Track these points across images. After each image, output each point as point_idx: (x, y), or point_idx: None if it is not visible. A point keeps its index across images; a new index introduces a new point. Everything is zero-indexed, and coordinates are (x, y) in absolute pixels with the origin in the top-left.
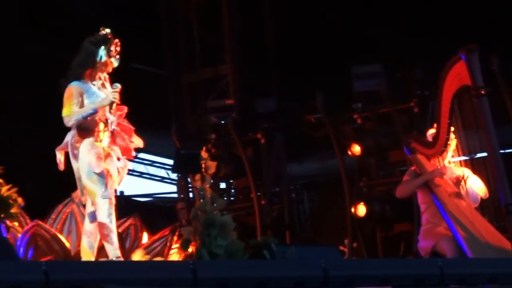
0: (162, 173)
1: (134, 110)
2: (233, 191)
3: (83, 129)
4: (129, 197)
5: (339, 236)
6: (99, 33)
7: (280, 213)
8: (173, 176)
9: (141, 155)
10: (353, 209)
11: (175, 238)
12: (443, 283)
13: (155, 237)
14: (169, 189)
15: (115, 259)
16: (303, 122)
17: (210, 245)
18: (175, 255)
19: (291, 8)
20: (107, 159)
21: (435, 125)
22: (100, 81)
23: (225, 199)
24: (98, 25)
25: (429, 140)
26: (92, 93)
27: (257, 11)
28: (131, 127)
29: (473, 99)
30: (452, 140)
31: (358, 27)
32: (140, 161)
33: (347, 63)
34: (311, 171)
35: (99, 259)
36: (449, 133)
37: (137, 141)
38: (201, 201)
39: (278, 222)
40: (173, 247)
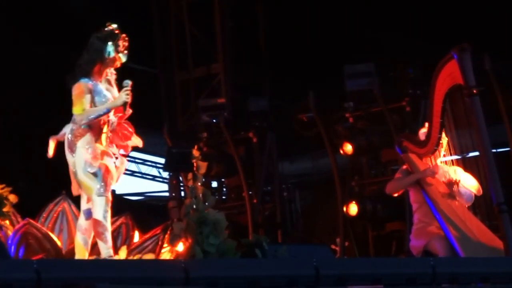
0: (153, 171)
1: None
2: (224, 190)
3: (83, 126)
4: (121, 195)
5: (331, 235)
6: (106, 28)
7: (272, 212)
8: (165, 174)
9: (133, 153)
10: (345, 208)
11: (167, 236)
12: (435, 282)
13: (147, 236)
14: (160, 188)
15: (107, 258)
16: (295, 121)
17: (202, 243)
18: (166, 253)
19: (283, 6)
20: (104, 155)
21: (427, 124)
22: (106, 79)
23: (217, 198)
24: (90, 24)
25: (421, 139)
26: (99, 91)
27: (249, 10)
28: (131, 129)
29: (465, 98)
30: (443, 139)
31: (350, 26)
32: (131, 159)
33: (339, 62)
34: (303, 170)
35: (91, 257)
36: (441, 132)
37: (136, 141)
38: (192, 199)
39: (270, 221)
40: (165, 245)
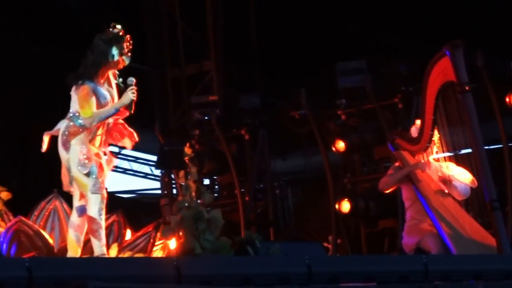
0: (145, 169)
1: None
2: (217, 187)
3: (79, 124)
4: (113, 193)
5: (323, 232)
6: (111, 29)
7: (264, 209)
8: (157, 172)
9: (125, 151)
10: (337, 206)
11: (159, 234)
12: (428, 279)
13: (139, 234)
14: (152, 186)
15: (100, 256)
16: (287, 118)
17: (198, 238)
18: (158, 251)
19: (275, 3)
20: (97, 157)
21: (418, 121)
22: (106, 80)
23: None
24: (81, 21)
25: (413, 136)
26: (101, 93)
27: (241, 7)
28: (126, 132)
29: (458, 95)
30: (435, 135)
31: (342, 23)
32: (123, 157)
33: (331, 59)
34: (295, 167)
35: (83, 255)
36: (433, 129)
37: (126, 143)
38: (185, 195)
39: (262, 218)
40: (157, 243)
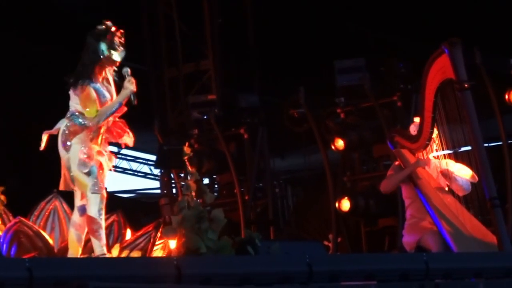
0: (145, 169)
1: None
2: (216, 186)
3: (79, 124)
4: (112, 193)
5: (324, 231)
6: (98, 26)
7: (264, 208)
8: (156, 172)
9: (124, 151)
10: (337, 204)
11: (159, 234)
12: (428, 277)
13: (139, 233)
14: (152, 185)
15: (100, 256)
16: (286, 117)
17: (202, 238)
18: (158, 251)
19: (272, 2)
20: (99, 156)
21: (417, 119)
22: (105, 78)
23: None
24: (78, 20)
25: (413, 134)
26: (100, 92)
27: (238, 6)
28: (126, 128)
29: (457, 92)
30: (434, 133)
31: (340, 22)
32: (123, 157)
33: (329, 57)
34: (295, 166)
35: (84, 255)
36: (433, 127)
37: (127, 139)
38: (185, 195)
39: (262, 217)
40: (157, 243)
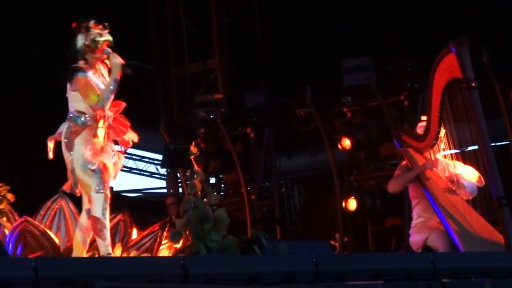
0: (151, 168)
1: None
2: (222, 186)
3: (79, 123)
4: (119, 192)
5: (330, 230)
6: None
7: (270, 208)
8: (163, 171)
9: (130, 150)
10: (344, 204)
11: (165, 233)
12: (435, 277)
13: (145, 233)
14: (158, 184)
15: (105, 256)
16: (292, 116)
17: (204, 239)
18: (165, 250)
19: (279, 1)
20: (103, 152)
21: (424, 118)
22: (100, 72)
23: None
24: (85, 19)
25: (420, 133)
26: (95, 83)
27: (245, 5)
28: (127, 123)
29: (464, 91)
30: (441, 132)
31: (347, 21)
32: (129, 156)
33: (336, 56)
34: (301, 165)
35: (89, 255)
36: (440, 126)
37: (132, 136)
38: (191, 195)
39: (268, 217)
40: (163, 242)
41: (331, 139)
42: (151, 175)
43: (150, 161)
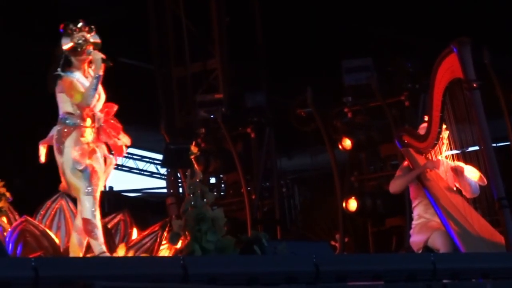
0: (151, 168)
1: (122, 105)
2: (223, 186)
3: (69, 124)
4: (119, 192)
5: (330, 231)
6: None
7: (270, 208)
8: (163, 171)
9: (130, 150)
10: (344, 204)
11: (165, 233)
12: (436, 278)
13: (145, 233)
14: (158, 184)
15: (101, 255)
16: (293, 116)
17: (200, 240)
18: (165, 250)
19: (280, 1)
20: (93, 155)
21: (426, 118)
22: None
23: (215, 194)
24: (85, 19)
25: (421, 133)
26: (81, 82)
27: (246, 5)
28: (119, 125)
29: (465, 92)
30: (444, 132)
31: (348, 21)
32: (129, 156)
33: (337, 56)
34: (302, 165)
35: (88, 255)
36: (441, 126)
37: (124, 139)
38: (191, 195)
39: (268, 217)
40: (163, 243)
41: (331, 140)
42: (152, 175)
43: (150, 161)
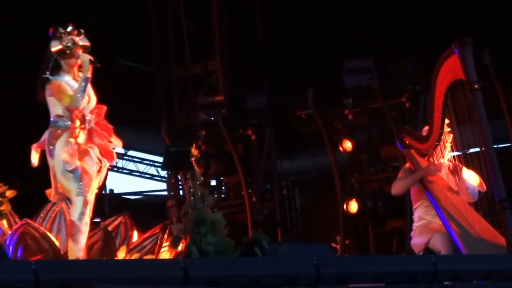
0: (152, 170)
1: (122, 107)
2: (223, 188)
3: (60, 127)
4: (119, 195)
5: (331, 233)
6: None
7: (271, 210)
8: (163, 173)
9: (131, 152)
10: (345, 206)
11: (166, 236)
12: (437, 279)
13: (146, 235)
14: (159, 187)
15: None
16: (293, 118)
17: (200, 242)
18: (165, 253)
19: (280, 2)
20: (85, 157)
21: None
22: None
23: (216, 196)
24: (85, 21)
25: (424, 135)
26: (70, 85)
27: (246, 6)
28: (110, 126)
29: (467, 93)
30: (448, 136)
31: (348, 22)
32: (129, 158)
33: (337, 58)
34: (302, 167)
35: (89, 258)
36: (442, 128)
37: (116, 142)
38: (191, 198)
39: (269, 219)
40: (164, 245)
41: (332, 141)
42: (152, 177)
43: (150, 163)
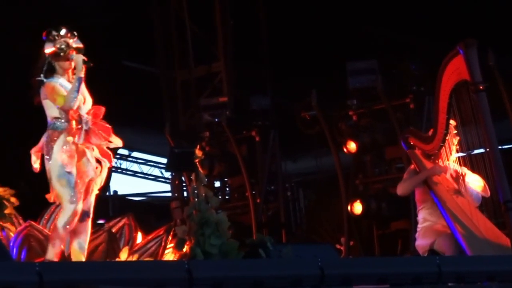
0: (156, 172)
1: (127, 108)
2: (227, 189)
3: (57, 129)
4: (123, 196)
5: (336, 234)
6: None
7: (275, 211)
8: (167, 175)
9: (135, 154)
10: (349, 207)
11: (170, 237)
12: (441, 281)
13: (150, 237)
14: (163, 188)
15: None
16: (297, 119)
17: (204, 244)
18: (169, 254)
19: (284, 3)
20: (82, 157)
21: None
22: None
23: (220, 197)
24: (87, 21)
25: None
26: (64, 86)
27: (250, 7)
28: (108, 126)
29: (472, 94)
30: (455, 138)
31: (352, 23)
32: (133, 160)
33: (341, 59)
34: (307, 169)
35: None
36: (447, 128)
37: (116, 141)
38: (195, 199)
39: (273, 220)
40: (168, 247)
41: (336, 142)
42: (156, 178)
43: (154, 164)
